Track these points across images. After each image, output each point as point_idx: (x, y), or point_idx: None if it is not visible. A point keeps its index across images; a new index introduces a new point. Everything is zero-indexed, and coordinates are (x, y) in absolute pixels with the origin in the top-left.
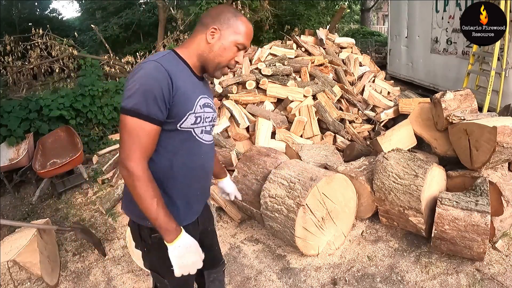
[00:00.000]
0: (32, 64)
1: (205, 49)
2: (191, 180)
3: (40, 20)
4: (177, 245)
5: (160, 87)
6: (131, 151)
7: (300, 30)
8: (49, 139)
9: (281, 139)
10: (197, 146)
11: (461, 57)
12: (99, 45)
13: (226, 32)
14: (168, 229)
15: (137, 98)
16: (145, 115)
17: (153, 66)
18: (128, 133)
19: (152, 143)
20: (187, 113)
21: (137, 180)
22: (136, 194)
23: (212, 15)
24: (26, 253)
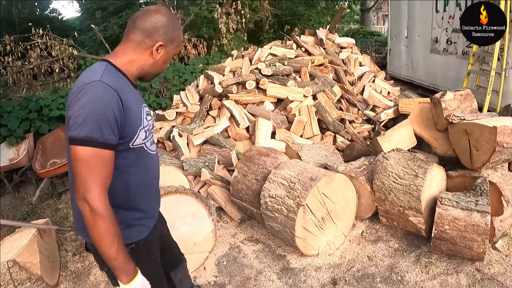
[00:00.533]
0: (32, 64)
1: (147, 62)
2: (148, 194)
3: (40, 20)
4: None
5: (111, 110)
6: (90, 183)
7: (300, 30)
8: (49, 139)
9: (281, 139)
10: (149, 160)
11: (461, 57)
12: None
13: (170, 47)
14: (126, 270)
15: (90, 125)
16: (100, 142)
17: (101, 88)
18: (84, 165)
19: (110, 171)
20: (138, 130)
21: (100, 218)
22: (96, 232)
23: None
24: (26, 253)
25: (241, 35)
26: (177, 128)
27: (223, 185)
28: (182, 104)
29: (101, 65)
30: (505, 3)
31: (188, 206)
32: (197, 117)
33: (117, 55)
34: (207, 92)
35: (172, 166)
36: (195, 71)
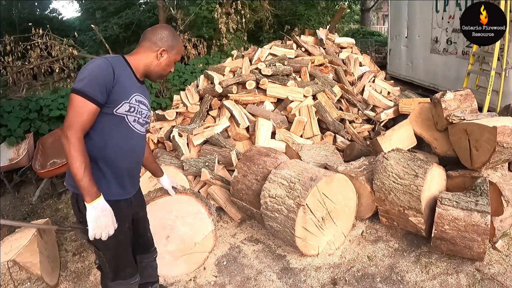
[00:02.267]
0: (32, 64)
1: (152, 63)
2: (121, 160)
3: (40, 20)
4: (94, 206)
5: (103, 76)
6: (72, 122)
7: (300, 30)
8: (49, 139)
9: (281, 139)
10: (130, 132)
11: (461, 57)
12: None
13: (171, 53)
14: (89, 191)
15: (85, 82)
16: (89, 96)
17: (102, 61)
18: (73, 108)
19: (90, 120)
20: (123, 101)
21: (72, 146)
22: (69, 158)
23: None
24: (26, 253)
25: (241, 35)
26: (177, 128)
27: (223, 185)
28: (182, 104)
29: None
30: (505, 3)
31: (188, 206)
32: (197, 117)
33: (131, 54)
34: (207, 92)
35: (172, 166)
36: (195, 71)
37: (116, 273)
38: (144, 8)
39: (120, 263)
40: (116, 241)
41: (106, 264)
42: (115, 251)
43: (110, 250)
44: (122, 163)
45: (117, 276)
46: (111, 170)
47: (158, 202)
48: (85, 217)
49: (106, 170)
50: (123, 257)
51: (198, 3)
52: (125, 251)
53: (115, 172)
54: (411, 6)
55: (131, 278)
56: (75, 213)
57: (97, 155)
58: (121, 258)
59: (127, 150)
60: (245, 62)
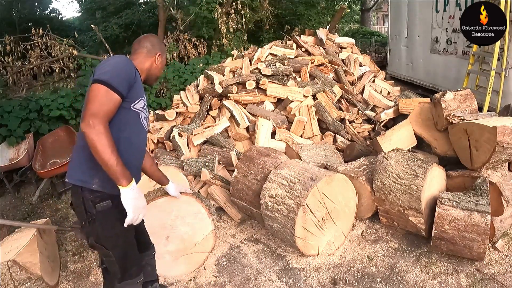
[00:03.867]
0: (32, 64)
1: (151, 66)
2: (131, 154)
3: (40, 20)
4: (132, 188)
5: (127, 72)
6: (98, 111)
7: (300, 30)
8: (49, 139)
9: (281, 139)
10: (140, 128)
11: (461, 57)
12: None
13: (163, 56)
14: (124, 174)
15: (111, 74)
16: (114, 87)
17: (124, 58)
18: (99, 98)
19: (114, 110)
20: (140, 98)
21: (100, 133)
22: (97, 146)
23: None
24: (26, 253)
25: (241, 35)
26: (177, 128)
27: (223, 185)
28: (182, 104)
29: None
30: (505, 3)
31: (188, 206)
32: (197, 117)
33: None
34: (207, 92)
35: (172, 166)
36: (195, 71)
37: (124, 273)
38: (144, 8)
39: (128, 261)
40: (124, 239)
41: (115, 264)
42: (124, 250)
43: (120, 248)
44: (131, 157)
45: (125, 276)
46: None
47: (158, 202)
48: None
49: None
50: (131, 255)
51: (198, 3)
52: (133, 249)
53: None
54: (411, 6)
55: (137, 277)
56: (79, 213)
57: None
58: (129, 256)
59: (137, 145)
60: (245, 62)
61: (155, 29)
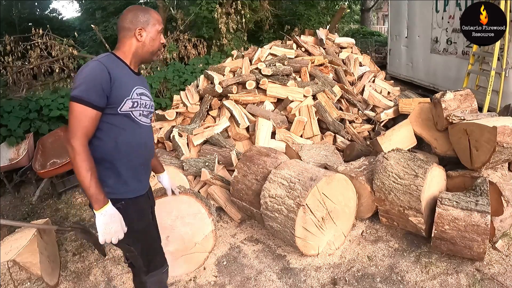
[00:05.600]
0: (32, 64)
1: (137, 47)
2: (135, 156)
3: (40, 20)
4: (102, 213)
5: (99, 80)
6: (74, 130)
7: (300, 30)
8: (49, 139)
9: (281, 139)
10: (137, 127)
11: (461, 57)
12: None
13: (148, 27)
14: (97, 198)
15: (81, 88)
16: (86, 101)
17: (95, 64)
18: (73, 116)
19: (92, 125)
20: (125, 99)
21: (77, 155)
22: (75, 167)
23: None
24: (26, 253)
25: (241, 35)
26: (177, 128)
27: (223, 185)
28: (182, 104)
29: (104, 54)
30: (505, 3)
31: (188, 206)
32: (197, 117)
33: (116, 49)
34: (207, 92)
35: (172, 166)
36: (195, 71)
37: (149, 265)
38: None
39: (151, 253)
40: (144, 233)
41: (138, 258)
42: (145, 243)
43: (141, 243)
44: (135, 158)
45: (150, 268)
46: (127, 167)
47: (158, 202)
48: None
49: (122, 169)
50: (153, 247)
51: (198, 3)
52: (154, 241)
53: (131, 169)
54: (411, 6)
55: (162, 267)
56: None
57: (110, 155)
58: (151, 248)
59: (138, 145)
60: (245, 62)
61: None
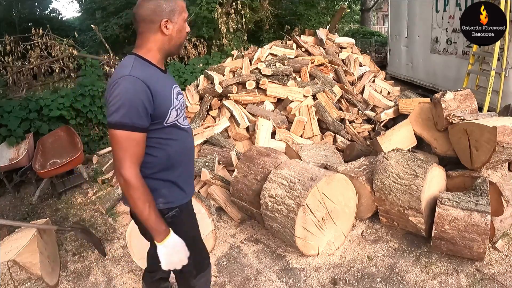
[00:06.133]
0: (32, 64)
1: (164, 41)
2: (186, 162)
3: (40, 20)
4: (165, 245)
5: (140, 99)
6: (123, 160)
7: (300, 30)
8: (49, 139)
9: (281, 139)
10: (183, 133)
11: (461, 57)
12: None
13: (174, 17)
14: (158, 230)
15: (121, 112)
16: (130, 126)
17: (130, 81)
18: (118, 145)
19: (141, 149)
20: (169, 110)
21: (132, 189)
22: (130, 200)
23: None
24: (26, 253)
25: (241, 35)
26: None
27: (223, 185)
28: None
29: (130, 59)
30: (505, 3)
31: None
32: (197, 117)
33: (139, 47)
34: (207, 92)
35: None
36: (195, 71)
37: (198, 267)
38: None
39: (199, 256)
40: (193, 238)
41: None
42: (196, 246)
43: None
44: (187, 163)
45: (199, 270)
46: (179, 174)
47: None
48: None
49: (175, 177)
50: (201, 249)
51: (198, 3)
52: (201, 244)
53: (183, 175)
54: (411, 6)
55: (208, 268)
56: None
57: (163, 168)
58: (199, 251)
59: (187, 150)
60: (245, 62)
61: None
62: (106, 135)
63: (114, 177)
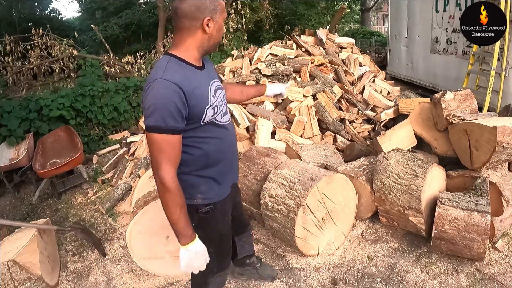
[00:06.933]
0: (32, 64)
1: (203, 39)
2: (225, 159)
3: (40, 20)
4: (188, 249)
5: (173, 102)
6: (159, 162)
7: (300, 30)
8: (49, 139)
9: (281, 139)
10: (222, 130)
11: (461, 57)
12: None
13: (216, 16)
14: (185, 235)
15: (156, 116)
16: (165, 129)
17: (163, 85)
18: (155, 147)
19: (177, 151)
20: (205, 109)
21: (167, 192)
22: (163, 202)
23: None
24: (26, 253)
25: (241, 35)
26: None
27: None
28: None
29: (164, 61)
30: (505, 3)
31: None
32: None
33: (176, 46)
34: None
35: None
36: None
37: (220, 265)
38: (144, 8)
39: (223, 255)
40: (220, 235)
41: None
42: (222, 245)
43: (220, 246)
44: (225, 161)
45: (219, 268)
46: (217, 172)
47: (158, 202)
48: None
49: (213, 175)
50: (226, 248)
51: None
52: (228, 243)
53: (222, 172)
54: (411, 6)
55: (228, 268)
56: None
57: (204, 165)
58: (224, 249)
59: (226, 147)
60: (245, 62)
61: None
62: (106, 135)
63: (114, 177)
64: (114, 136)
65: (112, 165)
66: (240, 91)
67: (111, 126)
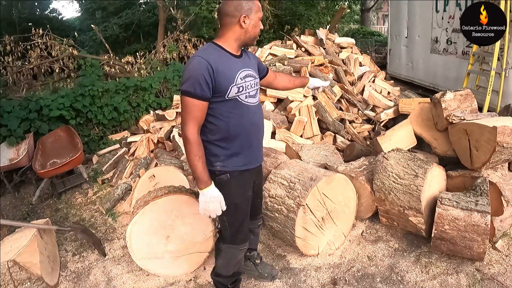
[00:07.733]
0: (32, 64)
1: (241, 33)
2: (245, 135)
3: (40, 20)
4: (204, 193)
5: (202, 74)
6: (186, 120)
7: (300, 30)
8: (49, 139)
9: (281, 139)
10: (245, 109)
11: (461, 57)
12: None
13: (252, 14)
14: (201, 180)
15: (188, 84)
16: (193, 94)
17: (197, 60)
18: (184, 108)
19: (201, 114)
20: (230, 86)
21: (189, 143)
22: (186, 152)
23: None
24: (26, 253)
25: None
26: (177, 128)
27: None
28: None
29: (206, 45)
30: (505, 3)
31: (188, 206)
32: None
33: (219, 36)
34: None
35: (172, 166)
36: None
37: (232, 238)
38: (144, 8)
39: (239, 228)
40: (239, 207)
41: (227, 227)
42: (237, 217)
43: (234, 216)
44: (246, 137)
45: (232, 240)
46: (237, 145)
47: (158, 202)
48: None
49: (233, 147)
50: (241, 223)
51: (198, 3)
52: (245, 217)
53: (241, 146)
54: (411, 6)
55: (242, 244)
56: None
57: (224, 136)
58: (239, 223)
59: (248, 125)
60: None
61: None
62: (106, 135)
63: (114, 177)
64: (114, 136)
65: (112, 165)
66: (289, 79)
67: (111, 126)
